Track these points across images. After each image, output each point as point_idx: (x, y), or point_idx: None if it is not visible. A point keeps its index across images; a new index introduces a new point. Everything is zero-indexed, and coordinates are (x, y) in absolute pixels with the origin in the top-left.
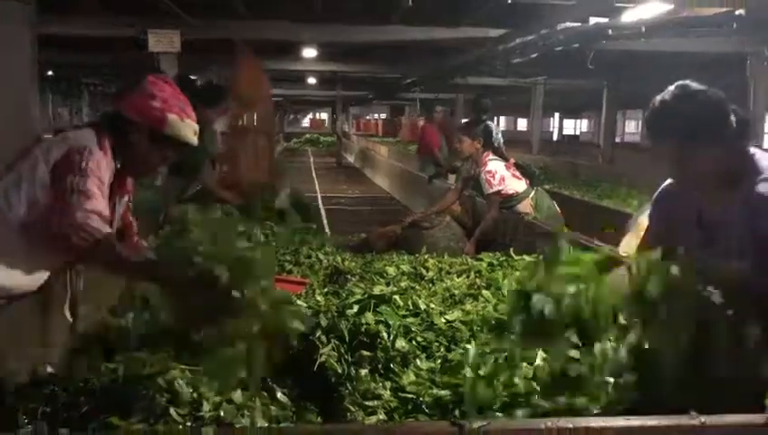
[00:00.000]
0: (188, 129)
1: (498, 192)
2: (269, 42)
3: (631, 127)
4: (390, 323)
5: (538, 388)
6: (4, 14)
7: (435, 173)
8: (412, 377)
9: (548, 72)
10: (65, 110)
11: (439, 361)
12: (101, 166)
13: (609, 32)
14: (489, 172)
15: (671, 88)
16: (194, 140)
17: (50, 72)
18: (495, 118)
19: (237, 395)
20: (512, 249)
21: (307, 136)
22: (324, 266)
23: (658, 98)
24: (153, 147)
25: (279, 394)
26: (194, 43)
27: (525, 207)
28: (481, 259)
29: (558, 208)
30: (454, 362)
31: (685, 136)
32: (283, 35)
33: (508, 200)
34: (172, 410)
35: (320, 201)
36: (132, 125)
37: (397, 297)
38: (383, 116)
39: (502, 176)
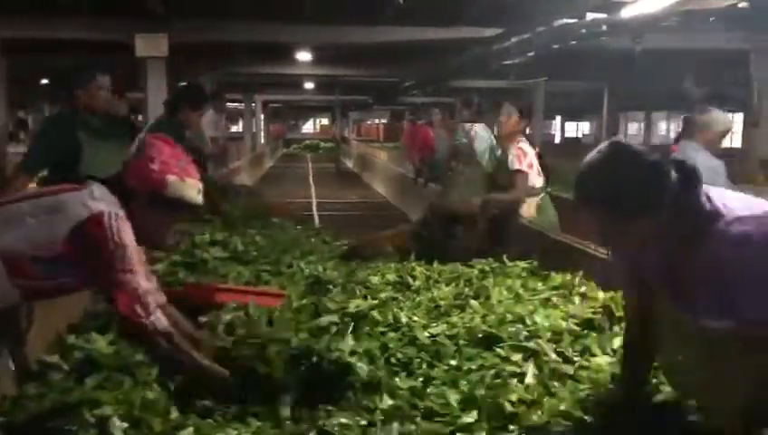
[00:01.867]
0: (191, 189)
1: (527, 175)
2: (263, 45)
3: (633, 129)
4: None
5: None
6: None
7: (417, 174)
8: (388, 401)
9: (548, 73)
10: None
11: (420, 379)
12: (130, 233)
13: (604, 27)
14: (521, 149)
15: (601, 147)
16: (199, 199)
17: (44, 81)
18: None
19: None
20: (505, 256)
21: (306, 142)
22: (305, 276)
23: (586, 160)
24: (159, 212)
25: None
26: (183, 47)
27: (530, 207)
28: (472, 266)
29: (557, 220)
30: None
31: (617, 207)
32: (272, 37)
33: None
34: None
35: (314, 207)
36: (135, 192)
37: (375, 313)
38: (384, 121)
39: (530, 162)
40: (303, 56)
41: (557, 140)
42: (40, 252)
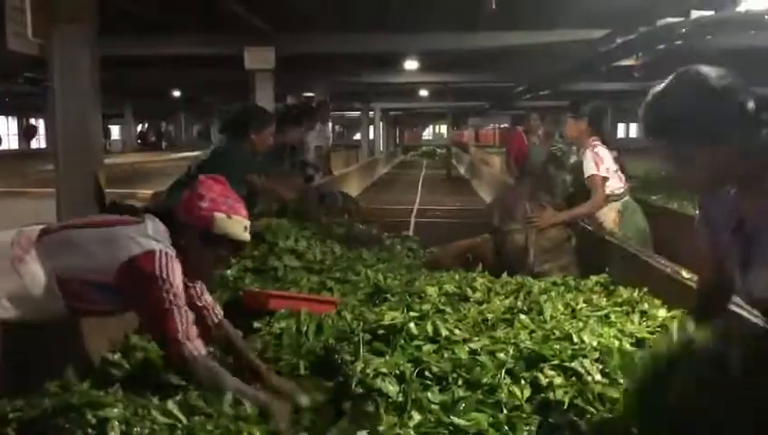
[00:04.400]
0: (238, 226)
1: (605, 179)
2: (368, 55)
3: None
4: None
5: None
6: (66, 36)
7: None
8: (417, 417)
9: (668, 74)
10: (196, 128)
11: (457, 395)
12: (179, 273)
13: (711, 26)
14: (597, 154)
15: (670, 76)
16: (246, 236)
17: (177, 93)
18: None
19: None
20: (572, 269)
21: (423, 149)
22: (369, 285)
23: (654, 89)
24: (206, 248)
25: None
26: (292, 60)
27: (611, 212)
28: (540, 279)
29: (648, 229)
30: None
31: (687, 134)
32: (371, 47)
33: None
34: None
35: (413, 213)
36: (185, 229)
37: (411, 325)
38: (502, 126)
39: (608, 168)
40: (411, 64)
41: None
42: (91, 276)
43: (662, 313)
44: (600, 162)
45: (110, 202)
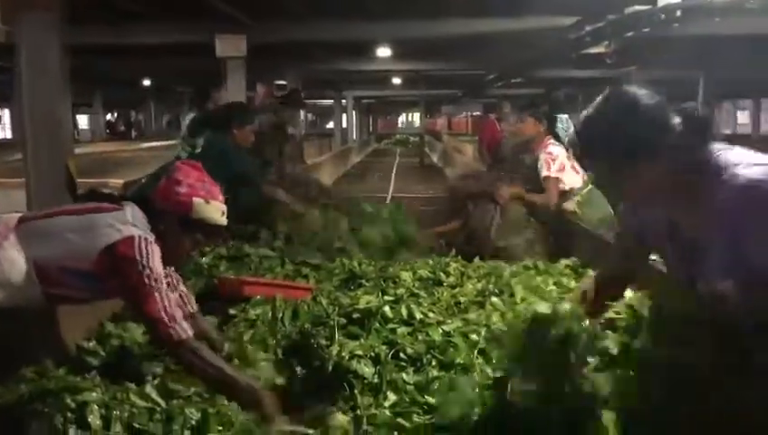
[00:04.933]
0: (215, 211)
1: (557, 179)
2: (341, 43)
3: (745, 117)
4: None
5: None
6: (34, 23)
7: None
8: (392, 398)
9: (645, 61)
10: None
11: (431, 375)
12: (159, 257)
13: (678, 14)
14: (550, 154)
15: (600, 97)
16: (223, 221)
17: (148, 82)
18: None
19: None
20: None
21: (397, 137)
22: (345, 271)
23: (585, 111)
24: (184, 233)
25: None
26: (264, 48)
27: (570, 207)
28: (511, 263)
29: (612, 214)
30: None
31: (618, 154)
32: (344, 35)
33: (560, 196)
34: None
35: (387, 202)
36: (163, 214)
37: (386, 309)
38: (474, 114)
39: (562, 163)
40: (383, 52)
41: None
42: (70, 263)
43: (627, 293)
44: (552, 162)
45: (88, 190)
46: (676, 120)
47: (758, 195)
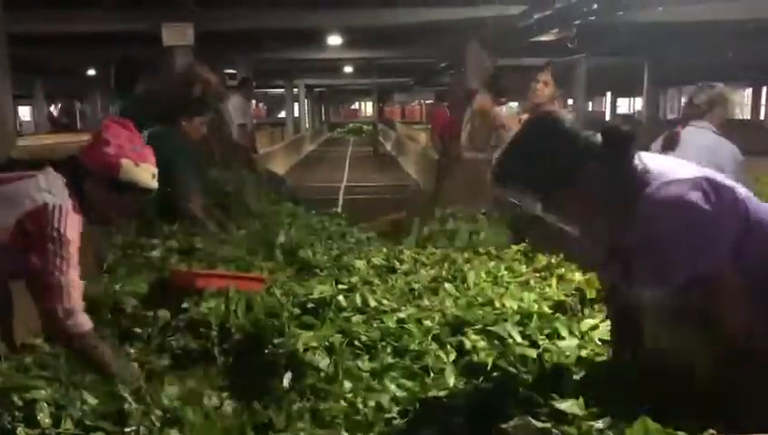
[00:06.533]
0: (145, 173)
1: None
2: (291, 31)
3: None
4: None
5: None
6: None
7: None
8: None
9: (587, 48)
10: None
11: (385, 362)
12: (75, 226)
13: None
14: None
15: (523, 125)
16: (152, 184)
17: (92, 71)
18: None
19: None
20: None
21: (350, 126)
22: (298, 261)
23: (508, 141)
24: (112, 195)
25: None
26: (213, 36)
27: None
28: (464, 249)
29: None
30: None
31: (543, 178)
32: (294, 23)
33: None
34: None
35: (341, 191)
36: (90, 174)
37: (340, 298)
38: (427, 102)
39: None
40: (334, 40)
41: (607, 117)
42: None
43: (577, 276)
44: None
45: (7, 159)
46: (597, 139)
47: (674, 211)
